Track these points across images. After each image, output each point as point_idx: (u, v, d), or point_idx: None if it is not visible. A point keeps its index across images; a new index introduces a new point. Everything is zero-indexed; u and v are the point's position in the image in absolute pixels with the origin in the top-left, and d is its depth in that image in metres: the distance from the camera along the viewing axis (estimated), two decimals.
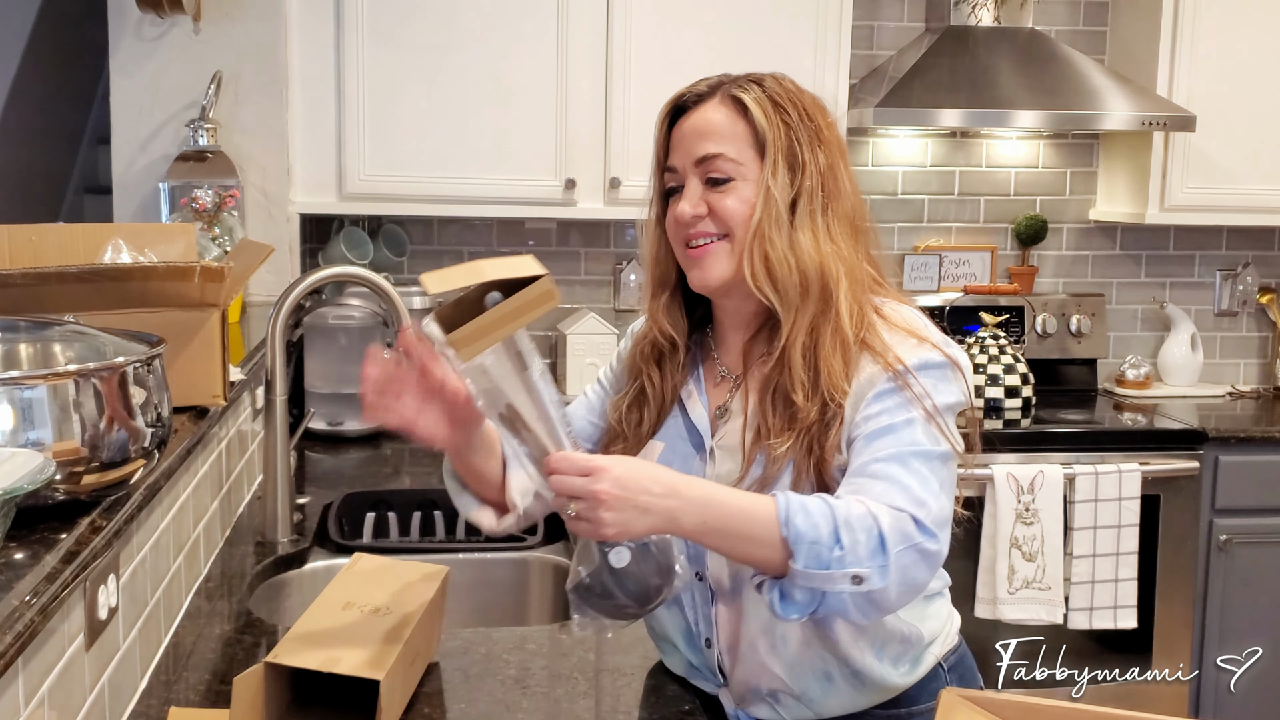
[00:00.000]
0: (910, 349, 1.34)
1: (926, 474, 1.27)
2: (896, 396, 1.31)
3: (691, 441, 1.44)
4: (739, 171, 1.36)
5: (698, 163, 1.38)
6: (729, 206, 1.36)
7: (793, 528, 1.22)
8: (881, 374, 1.32)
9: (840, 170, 1.39)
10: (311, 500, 2.29)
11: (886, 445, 1.28)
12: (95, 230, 1.77)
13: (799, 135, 1.36)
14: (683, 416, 1.45)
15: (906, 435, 1.29)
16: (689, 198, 1.38)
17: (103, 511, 1.20)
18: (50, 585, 1.02)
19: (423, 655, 1.47)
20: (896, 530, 1.23)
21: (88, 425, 1.14)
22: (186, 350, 1.61)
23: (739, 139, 1.37)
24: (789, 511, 1.22)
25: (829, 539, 1.21)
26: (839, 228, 1.37)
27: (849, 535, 1.21)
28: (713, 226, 1.38)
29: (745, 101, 1.37)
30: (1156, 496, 3.09)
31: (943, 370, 1.34)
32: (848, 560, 1.21)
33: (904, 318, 1.38)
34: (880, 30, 3.54)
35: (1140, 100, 3.18)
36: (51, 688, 1.10)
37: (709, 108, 1.39)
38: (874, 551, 1.22)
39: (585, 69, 3.04)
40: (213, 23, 2.85)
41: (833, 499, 1.26)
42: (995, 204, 3.66)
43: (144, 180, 2.85)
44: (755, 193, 1.36)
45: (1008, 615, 2.97)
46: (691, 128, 1.39)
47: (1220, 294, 3.74)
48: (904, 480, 1.26)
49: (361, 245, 3.25)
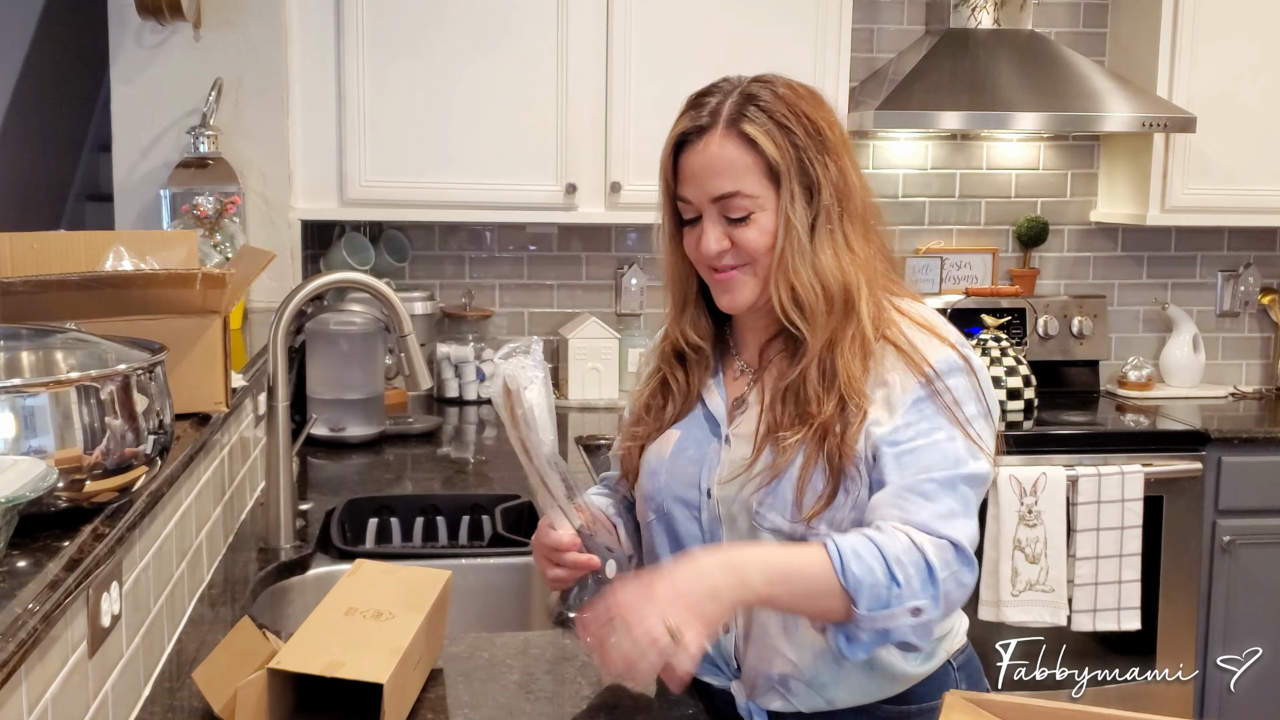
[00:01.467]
0: (934, 348, 1.36)
1: (969, 495, 1.31)
2: (930, 406, 1.33)
3: (709, 428, 1.47)
4: (756, 204, 1.37)
5: (714, 200, 1.39)
6: (751, 239, 1.38)
7: (850, 575, 1.25)
8: (913, 379, 1.34)
9: (849, 170, 1.40)
10: (314, 506, 2.27)
11: (926, 462, 1.31)
12: (97, 237, 1.76)
13: (808, 153, 1.37)
14: (702, 407, 1.49)
15: (950, 453, 1.31)
16: (711, 234, 1.39)
17: (105, 519, 1.20)
18: (53, 593, 1.02)
19: (426, 660, 1.46)
20: (940, 560, 1.27)
21: (90, 433, 1.13)
22: (188, 357, 1.60)
23: (752, 173, 1.37)
24: (843, 560, 1.25)
25: (885, 579, 1.25)
26: (855, 232, 1.39)
27: (902, 571, 1.25)
28: (735, 259, 1.40)
29: (754, 137, 1.36)
30: (1159, 498, 3.09)
31: (966, 374, 1.36)
32: (905, 596, 1.25)
33: (923, 315, 1.40)
34: (880, 33, 3.54)
35: (1140, 101, 3.18)
36: (54, 696, 1.10)
37: (715, 142, 1.38)
38: (925, 583, 1.26)
39: (586, 73, 3.04)
40: (213, 29, 2.84)
41: (875, 534, 1.28)
42: (996, 206, 3.66)
43: (145, 187, 2.84)
44: (774, 220, 1.37)
45: (1011, 617, 2.97)
46: (703, 166, 1.39)
47: (1222, 295, 3.74)
48: (948, 504, 1.30)
49: (363, 251, 3.25)
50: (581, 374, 3.31)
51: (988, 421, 1.37)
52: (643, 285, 3.50)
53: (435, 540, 2.34)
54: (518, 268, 3.49)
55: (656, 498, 1.48)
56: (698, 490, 1.44)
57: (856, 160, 1.43)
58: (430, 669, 1.50)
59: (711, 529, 1.43)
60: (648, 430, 1.51)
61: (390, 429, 2.93)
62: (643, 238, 3.51)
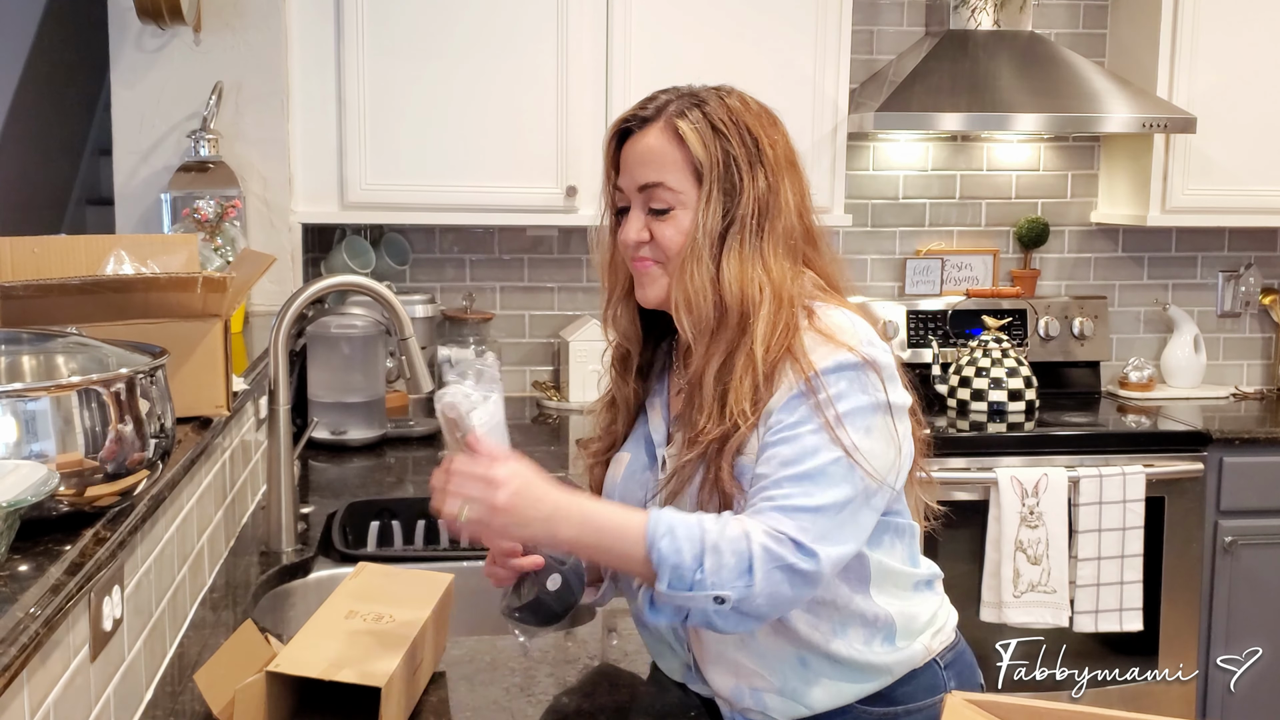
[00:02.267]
0: (827, 352, 1.34)
1: (816, 490, 1.29)
2: (803, 404, 1.32)
3: (648, 451, 1.48)
4: (678, 200, 1.39)
5: (640, 189, 1.41)
6: (667, 236, 1.40)
7: (657, 550, 1.27)
8: (796, 379, 1.33)
9: (783, 187, 1.40)
10: (315, 510, 2.27)
11: (785, 457, 1.31)
12: (97, 242, 1.76)
13: (737, 161, 1.38)
14: (645, 425, 1.50)
15: (805, 445, 1.30)
16: (632, 224, 1.42)
17: (107, 523, 1.20)
18: (54, 597, 1.02)
19: (427, 663, 1.46)
20: (768, 551, 1.26)
21: (91, 437, 1.14)
22: (189, 361, 1.61)
23: (678, 168, 1.39)
24: (655, 534, 1.27)
25: (691, 562, 1.26)
26: (773, 248, 1.38)
27: (714, 559, 1.26)
28: (652, 253, 1.42)
29: (684, 132, 1.38)
30: (1161, 499, 3.08)
31: (857, 372, 1.33)
32: (709, 583, 1.26)
33: (830, 321, 1.37)
34: (880, 35, 3.54)
35: (1140, 102, 3.18)
36: (56, 700, 1.10)
37: (652, 133, 1.41)
38: (741, 573, 1.26)
39: (585, 76, 3.04)
40: (213, 33, 2.84)
41: (710, 519, 1.29)
42: (997, 207, 3.66)
43: (146, 191, 2.84)
44: (691, 220, 1.39)
45: (1013, 619, 2.97)
46: (635, 154, 1.42)
47: (1223, 295, 3.74)
48: (794, 500, 1.29)
49: (363, 254, 3.25)
50: (582, 376, 3.31)
51: (882, 413, 1.34)
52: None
53: (437, 543, 2.34)
54: (518, 270, 3.49)
55: None
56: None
57: (805, 185, 1.44)
58: (432, 672, 1.50)
59: None
60: (602, 447, 1.54)
61: (391, 432, 2.93)
62: None
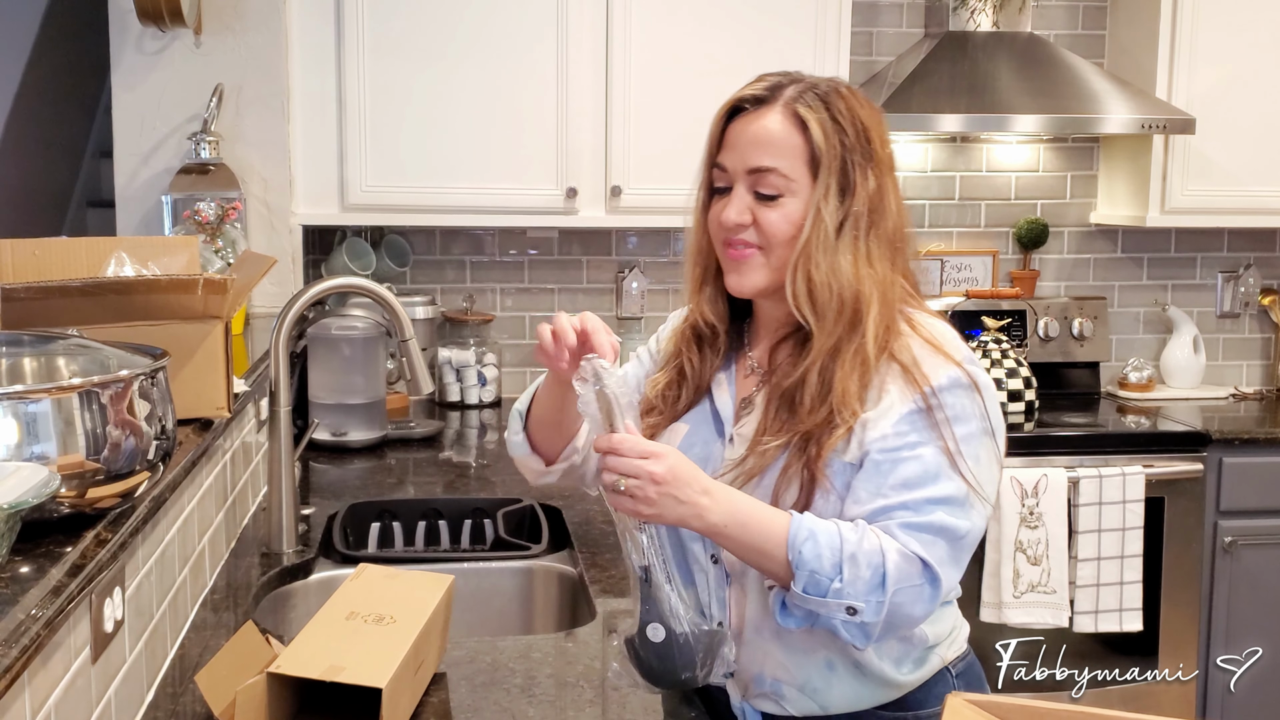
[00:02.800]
0: (937, 365, 1.36)
1: (946, 517, 1.31)
2: (922, 421, 1.33)
3: (715, 427, 1.47)
4: (789, 188, 1.38)
5: (750, 172, 1.39)
6: (773, 223, 1.38)
7: (797, 552, 1.28)
8: (911, 394, 1.34)
9: (888, 189, 1.40)
10: (316, 511, 2.27)
11: (908, 477, 1.32)
12: (98, 244, 1.77)
13: (853, 157, 1.38)
14: (709, 402, 1.49)
15: (928, 467, 1.32)
16: (736, 205, 1.40)
17: (108, 524, 1.20)
18: (56, 599, 1.02)
19: (428, 665, 1.46)
20: (901, 571, 1.29)
21: (92, 439, 1.13)
22: (190, 363, 1.60)
23: (794, 155, 1.37)
24: (797, 537, 1.29)
25: (830, 570, 1.28)
26: (879, 249, 1.39)
27: (851, 569, 1.28)
28: (754, 237, 1.40)
29: (807, 120, 1.37)
30: (1161, 499, 3.08)
31: (968, 391, 1.35)
32: (845, 593, 1.28)
33: (934, 330, 1.40)
34: (879, 36, 3.54)
35: (1139, 103, 3.17)
36: (57, 702, 1.10)
37: (768, 115, 1.39)
38: (874, 587, 1.28)
39: (585, 77, 3.04)
40: (214, 35, 2.84)
41: (848, 529, 1.30)
42: (996, 208, 3.66)
43: (146, 193, 2.84)
44: (801, 210, 1.37)
45: (1013, 619, 2.96)
46: (749, 135, 1.39)
47: (1222, 296, 3.74)
48: (923, 520, 1.31)
49: (364, 256, 3.24)
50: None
51: (989, 438, 1.37)
52: (644, 289, 3.50)
53: (437, 544, 2.34)
54: (518, 272, 3.49)
55: None
56: None
57: (899, 188, 1.43)
58: (433, 674, 1.50)
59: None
60: (664, 420, 1.51)
61: (392, 433, 2.93)
62: (644, 241, 3.51)
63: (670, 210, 3.17)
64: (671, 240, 3.52)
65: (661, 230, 3.46)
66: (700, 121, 1.49)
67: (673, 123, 3.02)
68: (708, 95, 3.19)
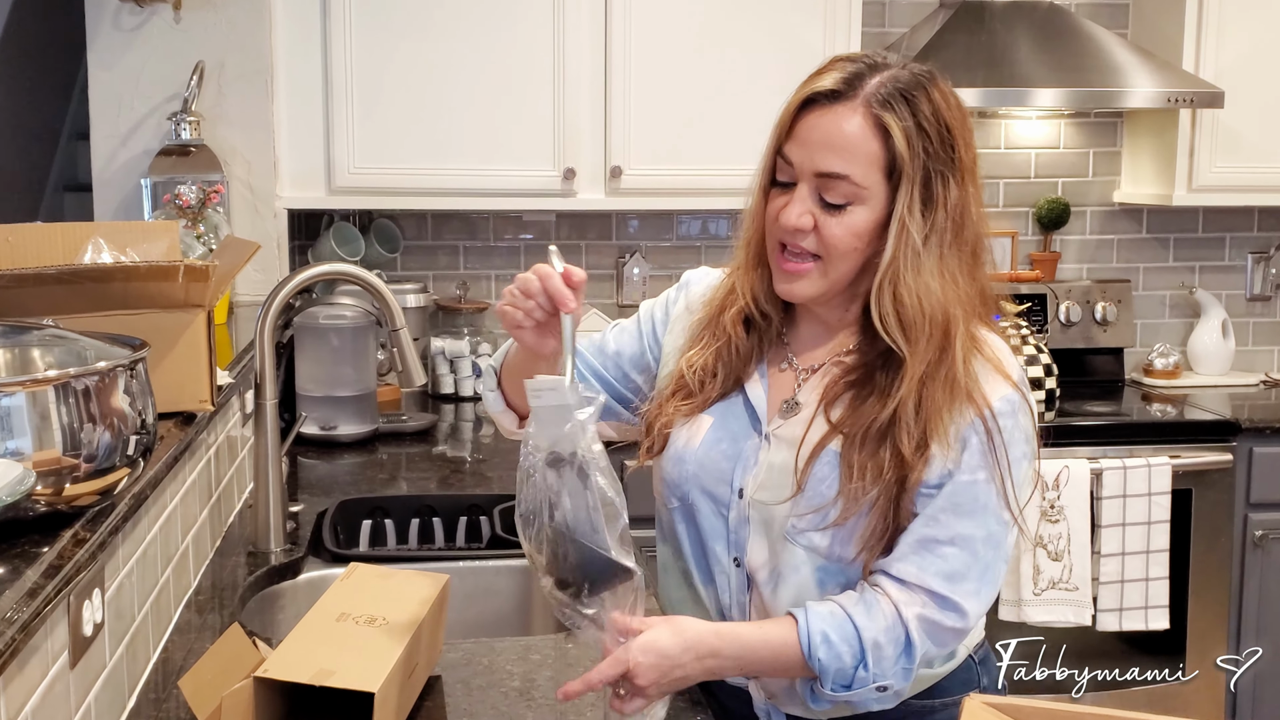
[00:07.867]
0: (997, 384, 1.34)
1: (982, 550, 1.32)
2: (979, 446, 1.32)
3: (749, 422, 1.43)
4: (859, 195, 1.30)
5: (818, 175, 1.31)
6: (835, 235, 1.32)
7: (816, 661, 1.30)
8: (973, 417, 1.32)
9: (970, 199, 1.34)
10: (305, 508, 2.26)
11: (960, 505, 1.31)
12: (75, 229, 1.77)
13: (935, 165, 1.31)
14: (741, 395, 1.44)
15: (983, 502, 1.32)
16: (797, 208, 1.32)
17: (86, 523, 1.20)
18: (32, 601, 1.02)
19: (422, 667, 1.46)
20: (922, 620, 1.31)
21: (69, 433, 1.14)
22: (171, 353, 1.60)
23: (869, 162, 1.30)
24: (811, 646, 1.30)
25: (853, 663, 1.30)
26: (961, 264, 1.34)
27: (875, 655, 1.30)
28: (813, 245, 1.33)
29: (889, 127, 1.29)
30: (1188, 491, 3.07)
31: (1019, 414, 1.34)
32: (873, 679, 1.30)
33: (995, 349, 1.37)
34: (892, 7, 3.53)
35: (1165, 76, 3.16)
36: (35, 708, 1.09)
37: (845, 116, 1.30)
38: (900, 658, 1.31)
39: (583, 52, 3.01)
40: (194, 10, 2.83)
41: (858, 612, 1.30)
42: (1015, 187, 3.64)
43: (125, 176, 2.83)
44: (867, 221, 1.31)
45: (1034, 617, 2.95)
46: (821, 133, 1.31)
47: (1252, 278, 3.72)
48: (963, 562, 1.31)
49: (352, 241, 3.24)
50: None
51: (1029, 462, 1.37)
52: (645, 275, 3.49)
53: (431, 542, 2.33)
54: (514, 258, 3.48)
55: (682, 486, 1.45)
56: (729, 488, 1.41)
57: (981, 193, 1.37)
58: (427, 676, 1.50)
59: (738, 528, 1.41)
60: (693, 407, 1.44)
61: (383, 427, 2.92)
62: (645, 225, 3.50)
63: (674, 192, 3.20)
64: (675, 223, 3.52)
65: (664, 213, 3.46)
66: (707, 98, 1.41)
67: (677, 99, 3.01)
68: (714, 69, 3.11)
